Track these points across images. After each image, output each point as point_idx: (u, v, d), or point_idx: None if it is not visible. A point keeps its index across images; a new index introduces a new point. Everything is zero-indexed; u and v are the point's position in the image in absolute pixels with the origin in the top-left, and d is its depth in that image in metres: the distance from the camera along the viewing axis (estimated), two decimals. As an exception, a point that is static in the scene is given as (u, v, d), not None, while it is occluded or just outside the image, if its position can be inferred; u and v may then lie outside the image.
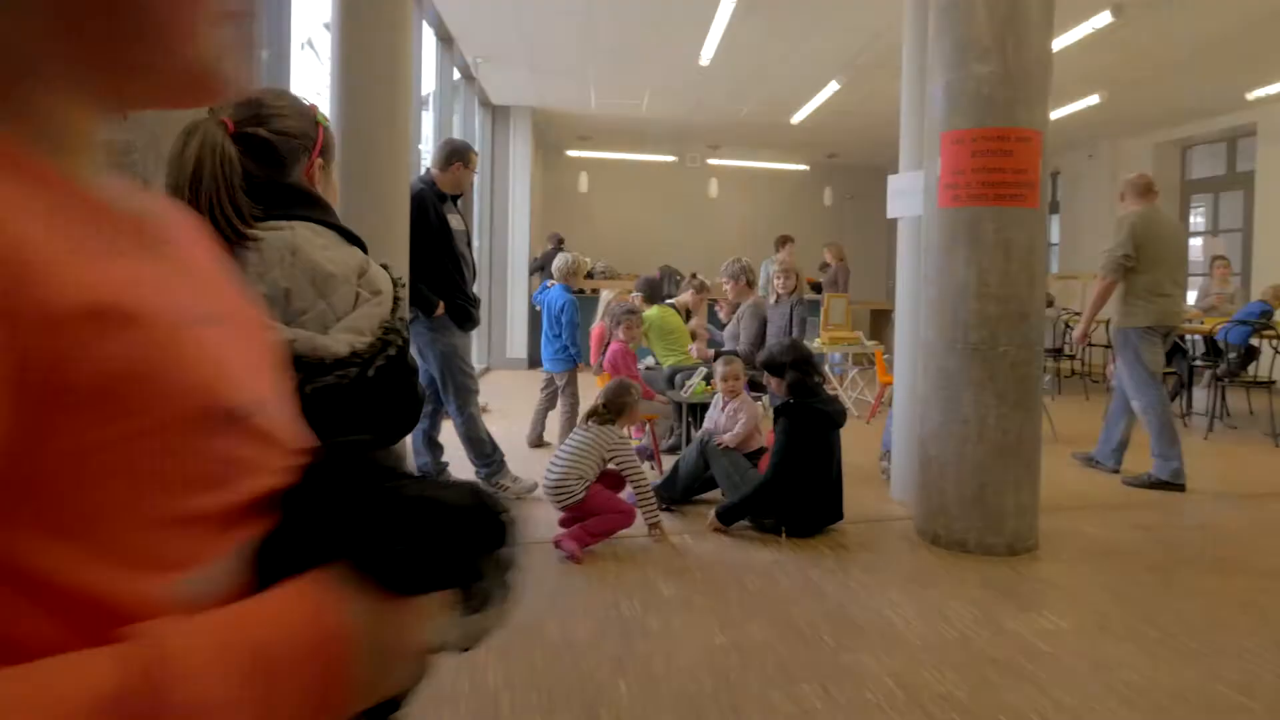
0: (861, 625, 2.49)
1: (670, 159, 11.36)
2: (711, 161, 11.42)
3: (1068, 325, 6.99)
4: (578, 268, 4.95)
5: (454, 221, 3.75)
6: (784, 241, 8.25)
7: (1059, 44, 5.82)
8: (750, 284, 5.20)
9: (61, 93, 0.36)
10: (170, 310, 0.36)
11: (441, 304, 3.56)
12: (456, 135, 6.60)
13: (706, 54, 6.63)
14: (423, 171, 3.94)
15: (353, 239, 1.20)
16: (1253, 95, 7.62)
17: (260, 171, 1.11)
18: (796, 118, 8.93)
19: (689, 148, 11.14)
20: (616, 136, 10.36)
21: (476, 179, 7.70)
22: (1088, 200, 10.21)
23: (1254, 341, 5.78)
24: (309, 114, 1.22)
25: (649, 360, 4.97)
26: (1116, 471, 4.42)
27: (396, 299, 1.19)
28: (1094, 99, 7.71)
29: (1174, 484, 4.05)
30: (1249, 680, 2.15)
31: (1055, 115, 8.07)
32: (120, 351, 0.32)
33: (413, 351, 3.96)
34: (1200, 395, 6.18)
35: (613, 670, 2.17)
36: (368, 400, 1.11)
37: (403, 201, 3.24)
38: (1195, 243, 9.55)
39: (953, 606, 2.63)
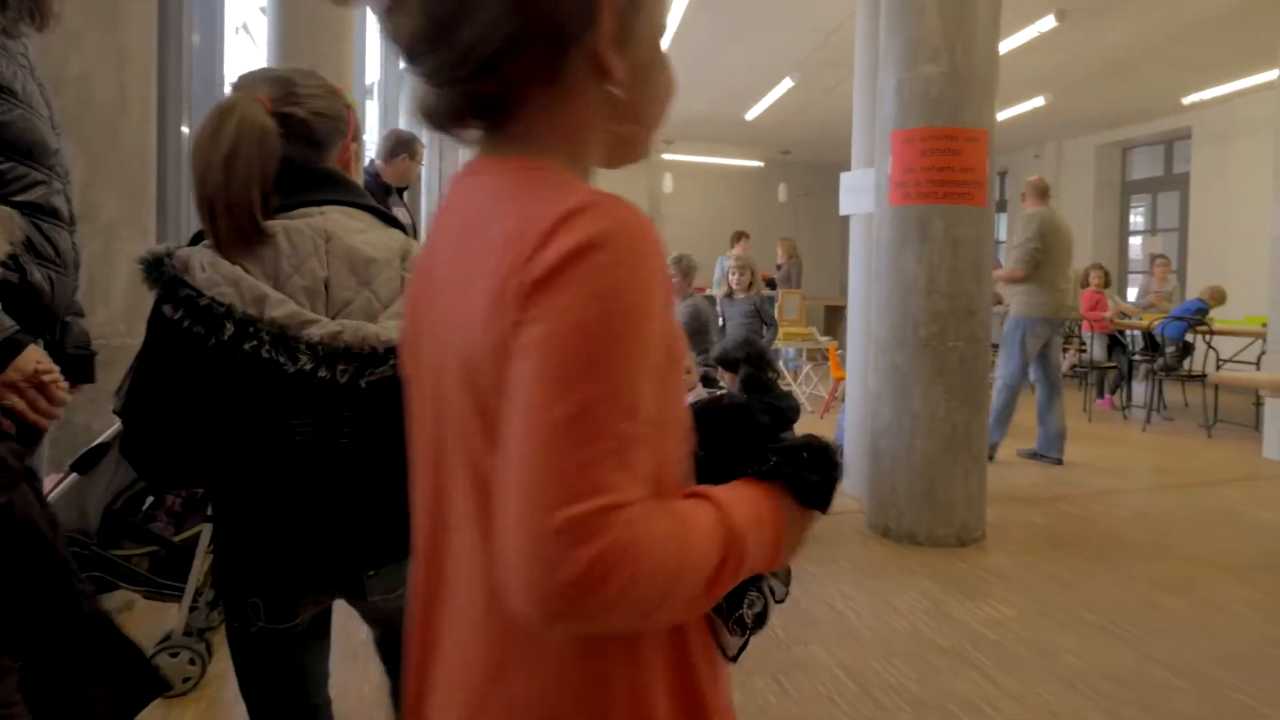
0: (814, 618, 2.53)
1: (625, 154, 11.37)
2: (666, 156, 11.45)
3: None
4: None
5: (400, 215, 3.69)
6: (739, 237, 8.33)
7: (1006, 46, 6.01)
8: (686, 278, 5.06)
9: (593, 159, 0.61)
10: None
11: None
12: (403, 126, 6.50)
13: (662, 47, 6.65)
14: (366, 163, 3.86)
15: (391, 221, 1.14)
16: (1188, 100, 7.98)
17: (295, 154, 1.05)
18: (751, 114, 9.03)
19: (644, 143, 11.16)
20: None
21: (424, 171, 7.56)
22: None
23: (1189, 338, 6.06)
24: (340, 95, 1.15)
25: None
26: (1060, 462, 4.59)
27: None
28: (1039, 100, 7.98)
29: (992, 454, 4.31)
30: (1180, 661, 2.26)
31: (1002, 116, 8.34)
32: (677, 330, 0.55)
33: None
34: (1139, 389, 6.45)
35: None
36: None
37: (346, 193, 3.18)
38: (1135, 241, 9.97)
39: (903, 597, 2.70)
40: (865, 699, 2.05)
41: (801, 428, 3.72)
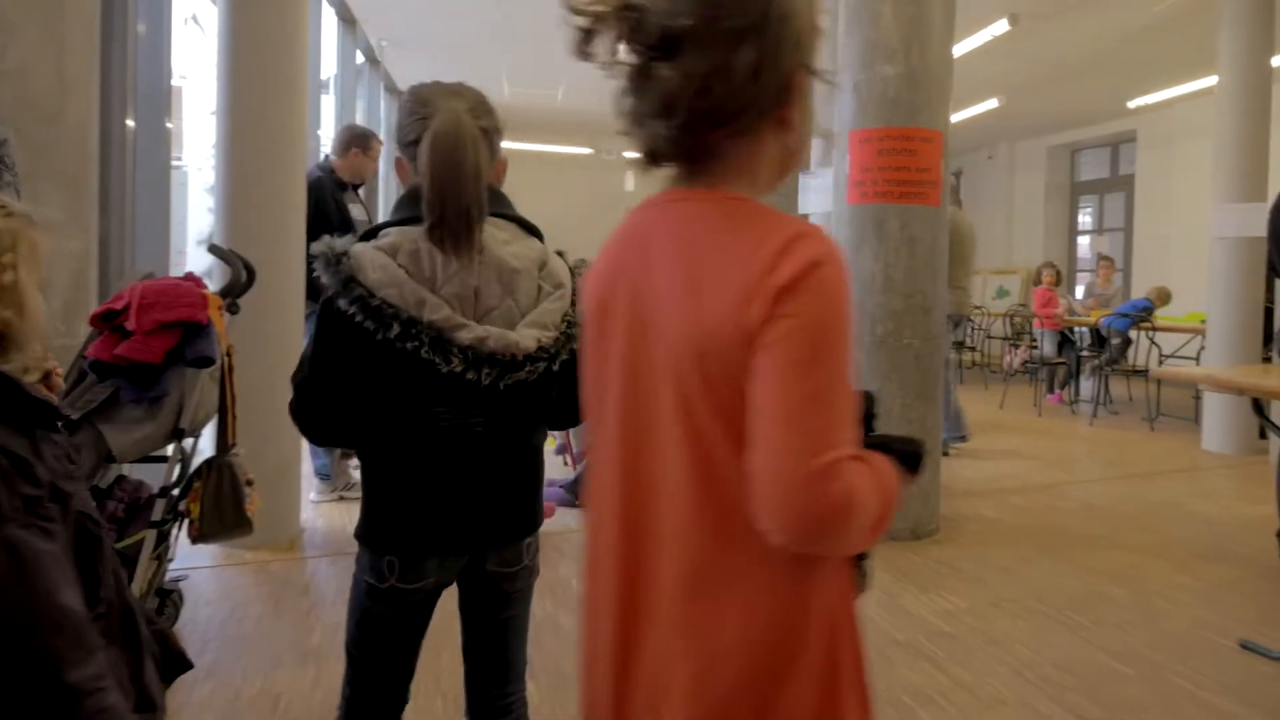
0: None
1: (586, 151, 11.35)
2: (628, 155, 11.47)
3: (969, 319, 7.39)
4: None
5: (355, 211, 3.64)
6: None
7: (960, 49, 6.15)
8: None
9: (762, 186, 0.76)
10: None
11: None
12: (360, 121, 6.39)
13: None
14: (320, 158, 3.79)
15: (531, 230, 1.23)
16: (1132, 104, 8.27)
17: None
18: (712, 112, 9.09)
19: (605, 140, 11.16)
20: (530, 127, 10.25)
21: (382, 167, 7.45)
22: (987, 199, 10.83)
23: (1131, 334, 6.29)
24: (495, 111, 1.23)
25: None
26: (965, 439, 4.84)
27: (575, 290, 1.20)
28: (993, 103, 8.19)
29: (945, 449, 4.61)
30: (1124, 648, 2.36)
31: (957, 117, 8.54)
32: None
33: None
34: (1087, 384, 6.67)
35: (525, 671, 2.17)
36: (550, 392, 1.18)
37: (298, 189, 3.12)
38: (1083, 240, 10.29)
39: (859, 592, 2.75)
40: (823, 692, 2.09)
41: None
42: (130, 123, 3.03)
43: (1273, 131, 4.95)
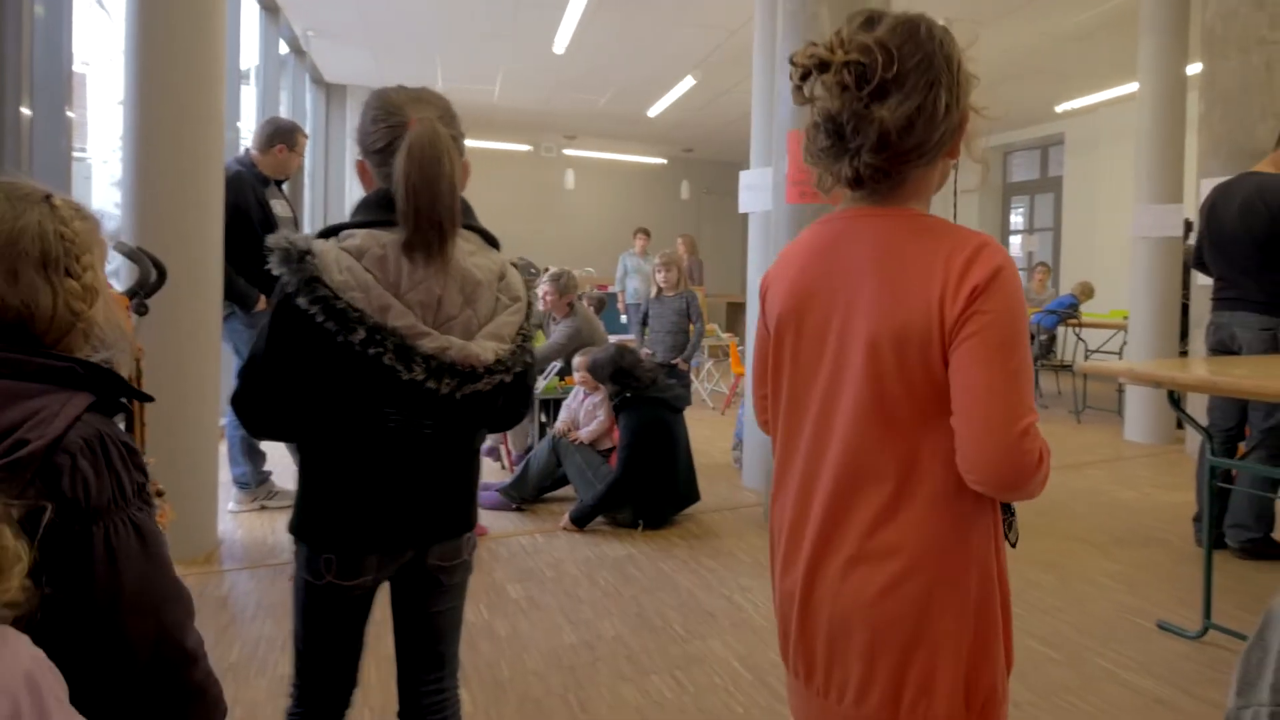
0: (712, 612, 2.60)
1: (525, 148, 11.27)
2: (568, 152, 11.44)
3: None
4: None
5: (278, 207, 3.53)
6: (640, 234, 8.42)
7: (894, 50, 6.33)
8: (564, 296, 4.51)
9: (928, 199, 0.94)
10: None
11: (262, 298, 3.34)
12: (284, 114, 6.20)
13: (561, 42, 6.64)
14: (240, 152, 3.67)
15: (492, 241, 1.25)
16: (1060, 108, 8.65)
17: None
18: (653, 111, 9.13)
19: (544, 137, 11.11)
20: (467, 123, 9.97)
21: (308, 163, 7.27)
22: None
23: (1060, 330, 6.58)
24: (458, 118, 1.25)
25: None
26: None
27: (530, 304, 1.25)
28: (927, 104, 8.46)
29: None
30: (1052, 633, 2.46)
31: (894, 118, 8.78)
32: None
33: (228, 349, 3.67)
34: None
35: (458, 679, 2.14)
36: (498, 400, 1.22)
37: (214, 184, 3.01)
38: (1015, 240, 10.70)
39: (798, 588, 2.81)
40: (761, 687, 2.12)
41: (704, 425, 3.87)
42: (26, 111, 2.88)
43: (1188, 136, 5.24)
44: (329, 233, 1.13)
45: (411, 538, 1.20)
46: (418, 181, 1.07)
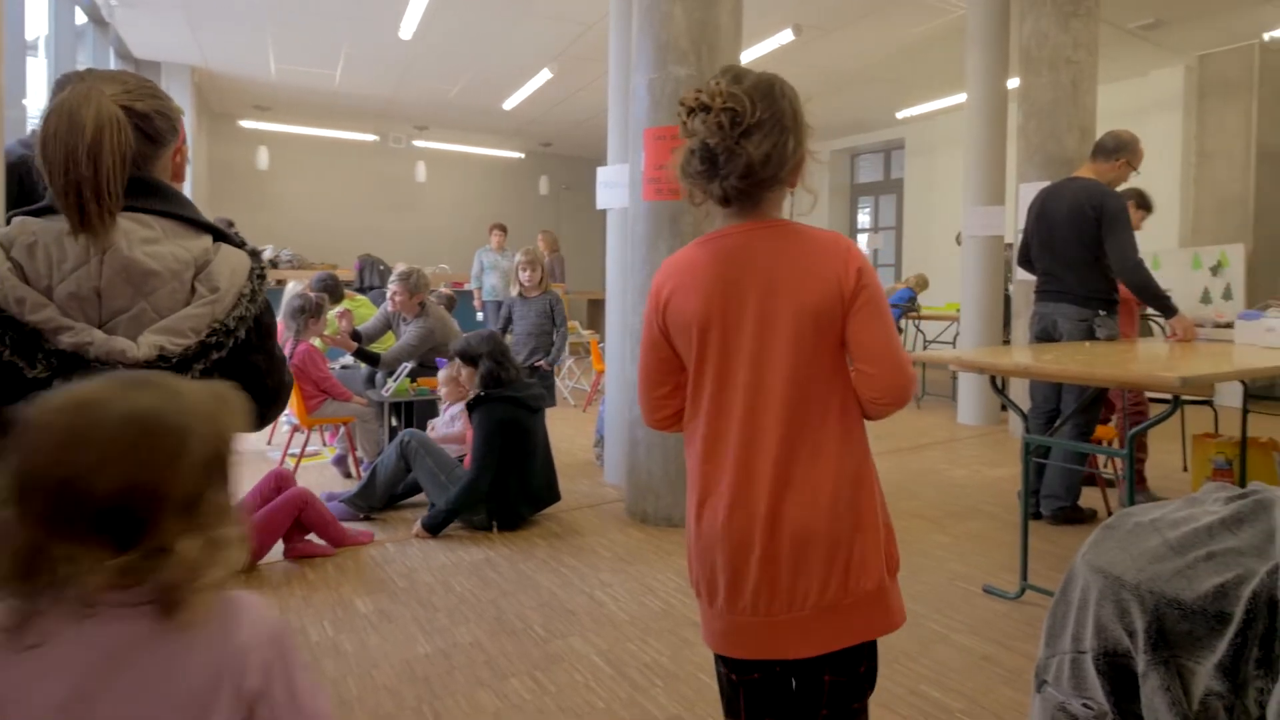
0: (573, 610, 2.65)
1: (371, 138, 10.86)
2: (419, 143, 11.13)
3: None
4: None
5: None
6: (497, 230, 8.34)
7: (752, 54, 6.65)
8: (414, 296, 4.37)
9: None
10: None
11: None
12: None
13: (408, 27, 6.46)
14: (28, 133, 3.32)
15: (205, 227, 1.19)
16: (901, 115, 9.40)
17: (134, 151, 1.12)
18: (509, 104, 9.07)
19: (393, 127, 10.74)
20: (304, 109, 9.62)
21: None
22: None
23: (901, 324, 7.16)
24: (167, 96, 1.23)
25: (345, 359, 4.70)
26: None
27: (243, 295, 1.18)
28: (780, 106, 8.94)
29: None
30: (891, 606, 2.69)
31: (749, 119, 9.21)
32: None
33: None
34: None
35: (301, 699, 2.06)
36: None
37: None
38: (861, 238, 11.51)
39: (658, 579, 2.91)
40: (621, 680, 2.19)
41: (566, 423, 3.92)
42: None
43: (1009, 144, 5.86)
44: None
45: None
46: (53, 150, 1.02)
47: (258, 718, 0.73)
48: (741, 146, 1.15)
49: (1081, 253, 3.47)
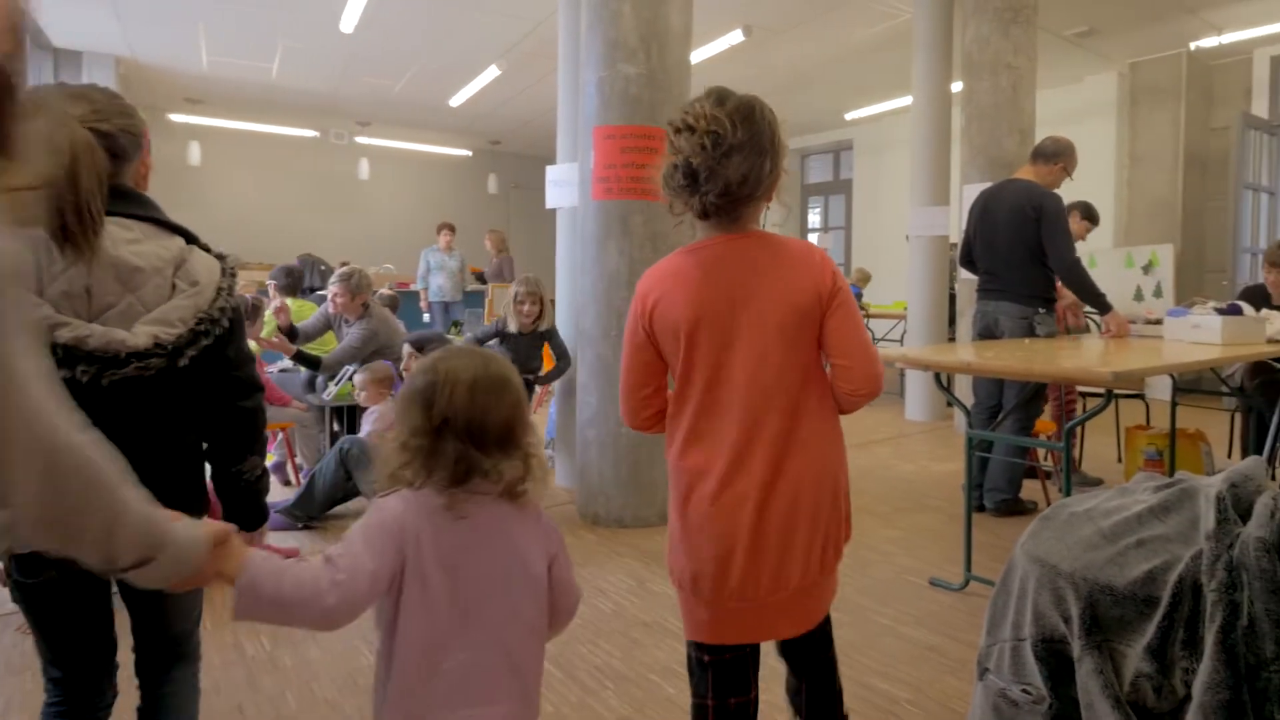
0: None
1: (311, 134, 10.62)
2: (361, 140, 10.92)
3: None
4: None
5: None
6: (445, 229, 8.24)
7: (702, 54, 6.70)
8: (355, 297, 4.19)
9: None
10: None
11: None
12: None
13: (349, 19, 6.34)
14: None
15: (177, 230, 1.30)
16: (849, 116, 9.58)
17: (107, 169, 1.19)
18: (456, 100, 8.97)
19: (334, 122, 10.52)
20: (240, 103, 9.35)
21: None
22: (731, 199, 11.91)
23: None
24: (133, 110, 1.32)
25: (284, 362, 4.58)
26: None
27: (221, 289, 1.29)
28: (730, 106, 9.03)
29: None
30: (840, 598, 2.71)
31: (699, 118, 9.28)
32: None
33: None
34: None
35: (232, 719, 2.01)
36: (183, 391, 1.27)
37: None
38: (812, 238, 11.70)
39: (609, 580, 2.91)
40: (572, 683, 2.19)
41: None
42: None
43: (953, 146, 6.03)
44: None
45: None
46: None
47: (554, 569, 1.19)
48: (722, 166, 1.26)
49: (1022, 252, 3.59)
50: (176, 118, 9.61)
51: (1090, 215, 4.45)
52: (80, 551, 0.74)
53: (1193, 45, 6.94)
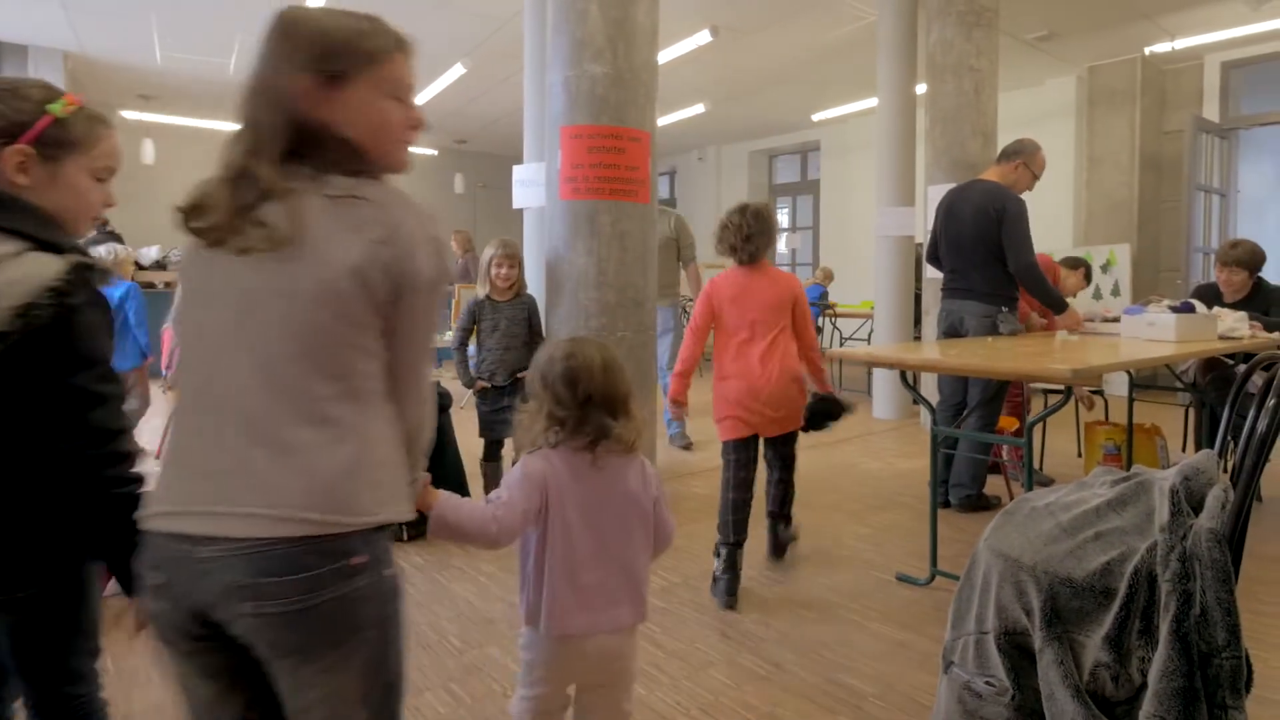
0: (491, 619, 2.62)
1: (275, 132, 10.43)
2: (327, 138, 10.76)
3: (684, 310, 8.11)
4: (119, 261, 4.31)
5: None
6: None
7: (668, 55, 6.71)
8: None
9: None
10: None
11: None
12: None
13: (310, 14, 6.24)
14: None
15: (18, 234, 1.16)
16: (816, 117, 9.67)
17: None
18: (420, 98, 8.88)
19: (298, 120, 10.35)
20: (195, 99, 9.14)
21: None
22: (698, 197, 11.96)
23: (819, 322, 7.38)
24: (19, 92, 1.22)
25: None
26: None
27: (31, 305, 1.11)
28: (700, 108, 9.06)
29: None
30: (812, 596, 2.77)
31: (668, 120, 9.31)
32: None
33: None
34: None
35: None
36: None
37: None
38: (780, 239, 11.80)
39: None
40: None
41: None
42: None
43: (918, 147, 6.11)
44: None
45: None
46: None
47: (657, 507, 1.56)
48: (753, 240, 2.86)
49: (985, 252, 3.66)
50: (129, 115, 9.37)
51: (1089, 275, 4.92)
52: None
53: (1147, 50, 7.13)
